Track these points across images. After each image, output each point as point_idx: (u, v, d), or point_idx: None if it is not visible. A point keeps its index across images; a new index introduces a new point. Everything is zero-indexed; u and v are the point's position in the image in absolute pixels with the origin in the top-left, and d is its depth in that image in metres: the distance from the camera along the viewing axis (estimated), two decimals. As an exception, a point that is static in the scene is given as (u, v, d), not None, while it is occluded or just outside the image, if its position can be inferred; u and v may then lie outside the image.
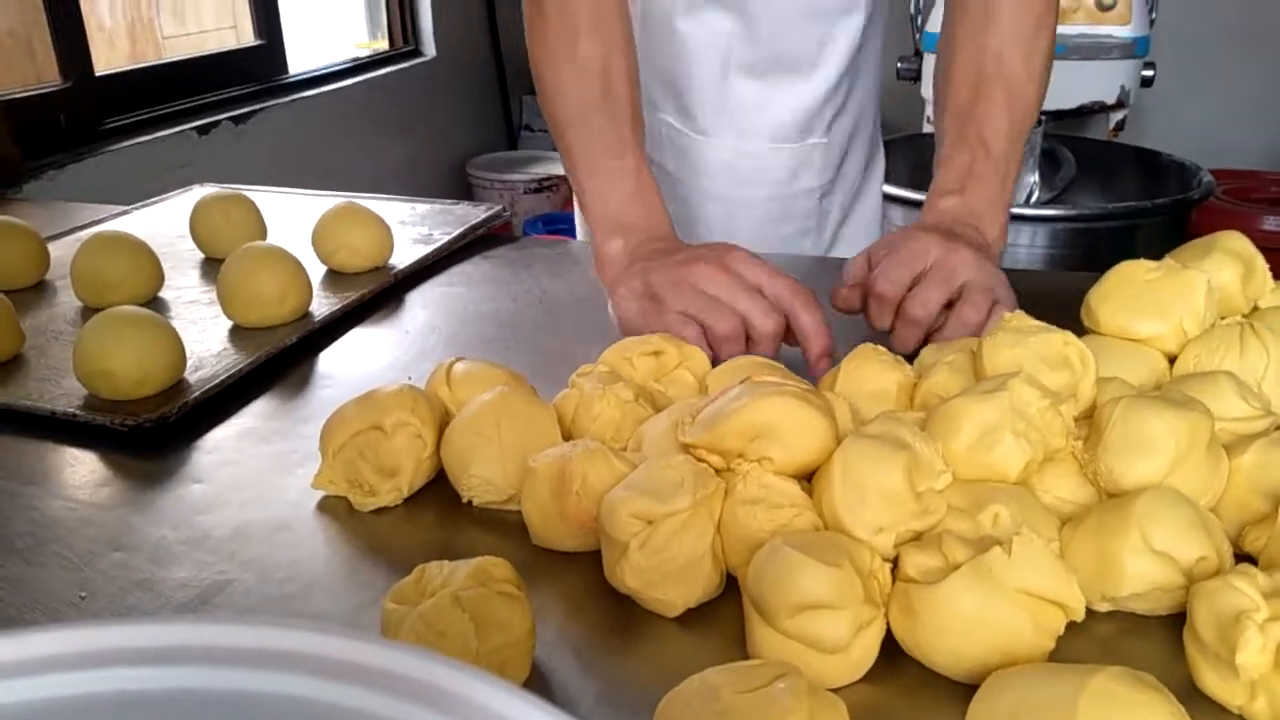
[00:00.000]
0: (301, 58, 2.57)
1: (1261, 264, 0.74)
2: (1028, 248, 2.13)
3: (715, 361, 0.74)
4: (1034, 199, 2.26)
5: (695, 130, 1.16)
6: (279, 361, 0.84)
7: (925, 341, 0.78)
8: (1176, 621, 0.51)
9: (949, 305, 0.79)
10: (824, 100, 1.14)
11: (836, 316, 0.86)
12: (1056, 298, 0.81)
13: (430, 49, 3.02)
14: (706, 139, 1.16)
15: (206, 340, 0.87)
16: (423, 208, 1.20)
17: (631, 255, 0.86)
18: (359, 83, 2.66)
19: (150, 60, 2.23)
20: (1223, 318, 0.70)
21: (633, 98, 0.94)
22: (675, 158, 1.18)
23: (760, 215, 1.18)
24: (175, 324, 0.81)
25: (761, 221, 1.17)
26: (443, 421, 0.66)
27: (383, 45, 2.99)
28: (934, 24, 2.09)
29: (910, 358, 0.71)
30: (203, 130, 2.10)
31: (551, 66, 0.94)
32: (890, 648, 0.50)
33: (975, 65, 0.93)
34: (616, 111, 0.93)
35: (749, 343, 0.78)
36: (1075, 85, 2.06)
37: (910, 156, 2.22)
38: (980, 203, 0.89)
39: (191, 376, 0.79)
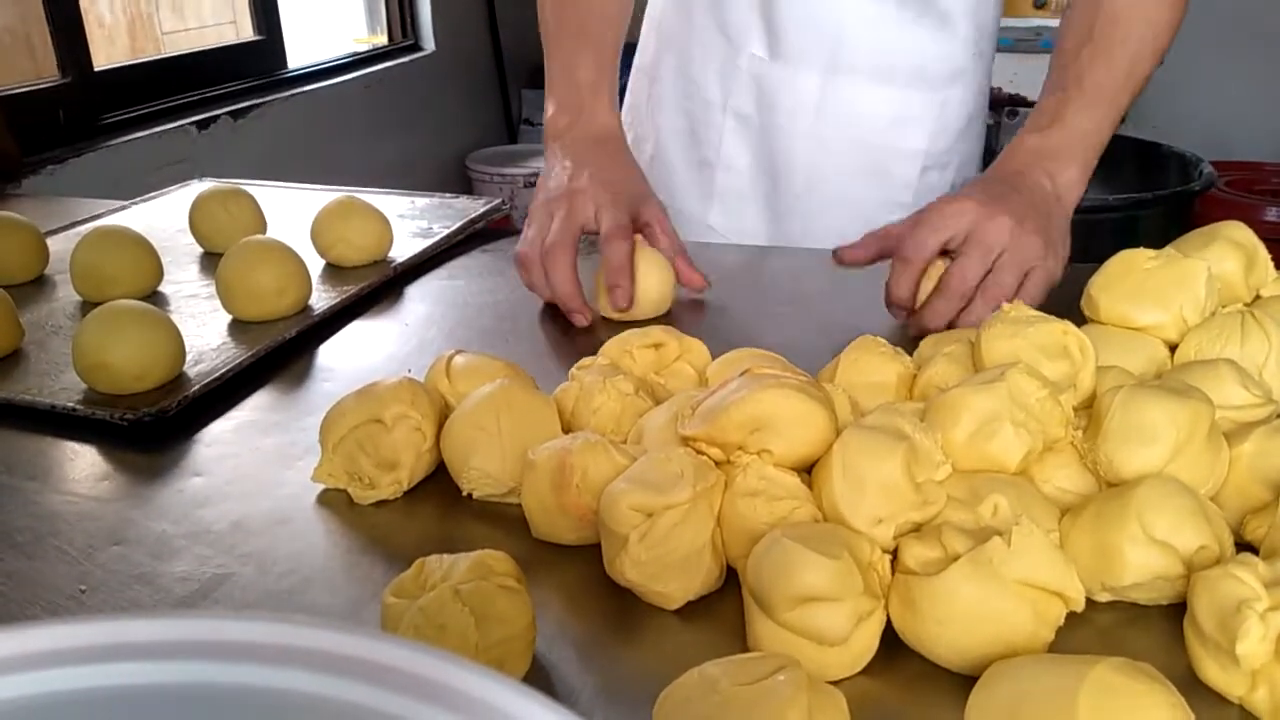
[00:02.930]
0: (300, 53, 2.57)
1: (1264, 254, 0.74)
2: (1029, 239, 2.12)
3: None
4: (1035, 190, 2.25)
5: (783, 57, 1.09)
6: (278, 355, 0.84)
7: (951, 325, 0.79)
8: (1177, 611, 0.51)
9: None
10: (949, 52, 1.07)
11: (839, 317, 0.86)
12: (1057, 288, 0.81)
13: (429, 43, 3.02)
14: (795, 69, 1.09)
15: (206, 334, 0.86)
16: (422, 201, 1.20)
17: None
18: (358, 77, 2.66)
19: (149, 55, 2.23)
20: (1224, 307, 0.70)
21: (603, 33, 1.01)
22: (755, 98, 1.12)
23: (849, 167, 1.11)
24: (174, 318, 0.81)
25: (850, 176, 1.11)
26: (442, 414, 0.66)
27: (382, 40, 2.98)
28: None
29: (910, 348, 0.71)
30: (202, 125, 2.10)
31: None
32: (890, 640, 0.50)
33: (1089, 19, 0.91)
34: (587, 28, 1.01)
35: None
36: (1076, 76, 2.05)
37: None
38: (1062, 140, 0.87)
39: (191, 370, 0.79)
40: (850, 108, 1.09)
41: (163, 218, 1.17)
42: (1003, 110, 2.72)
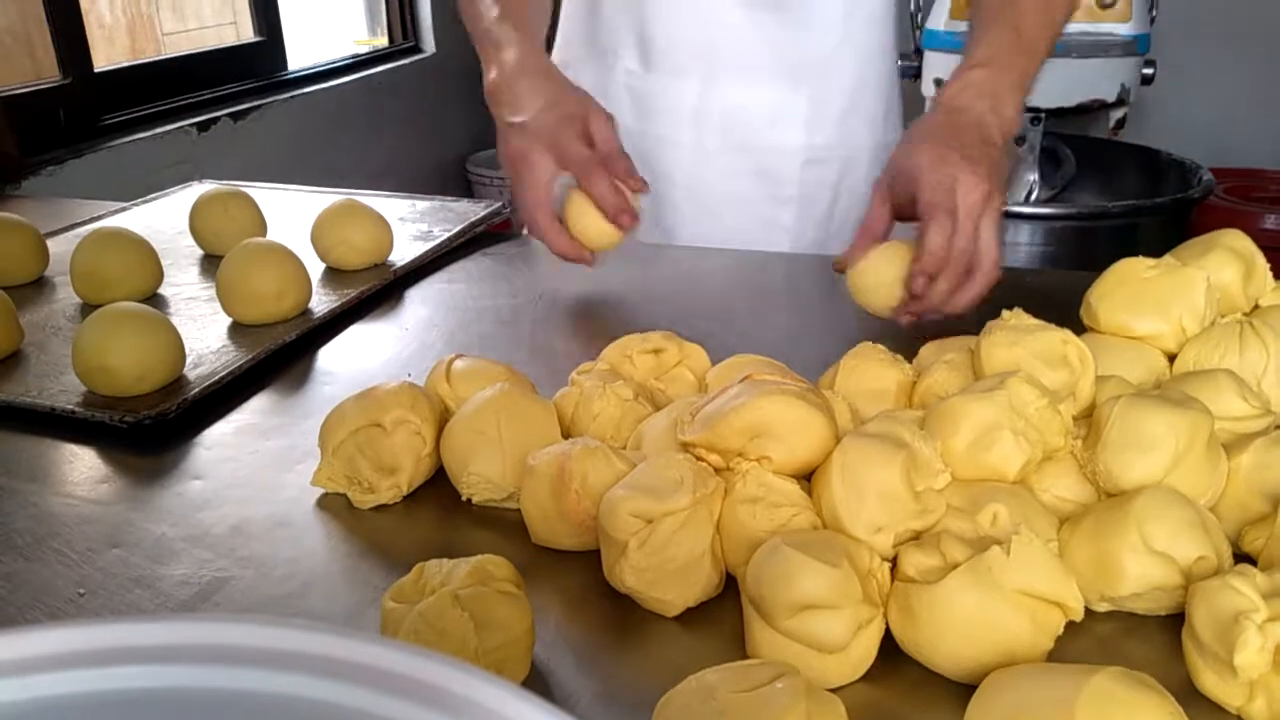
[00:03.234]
0: (301, 54, 2.57)
1: (1262, 263, 0.74)
2: (1027, 246, 2.12)
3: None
4: (1034, 197, 2.25)
5: (658, 70, 1.12)
6: (278, 358, 0.84)
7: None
8: (1175, 622, 0.51)
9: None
10: (810, 45, 1.08)
11: (838, 323, 0.86)
12: (1056, 297, 0.81)
13: (430, 45, 3.02)
14: (670, 79, 1.11)
15: (206, 337, 0.86)
16: (422, 204, 1.20)
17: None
18: (358, 79, 2.66)
19: (150, 56, 2.23)
20: (1223, 316, 0.70)
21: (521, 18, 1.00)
22: (634, 108, 1.14)
23: (732, 169, 1.13)
24: (174, 321, 0.81)
25: (733, 177, 1.12)
26: (442, 419, 0.66)
27: (382, 42, 2.98)
28: (934, 21, 2.08)
29: (909, 356, 0.71)
30: (202, 127, 2.10)
31: None
32: (889, 647, 0.50)
33: None
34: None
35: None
36: (1075, 83, 2.06)
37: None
38: (1006, 79, 0.90)
39: (191, 373, 0.79)
40: (727, 111, 1.12)
41: (163, 219, 1.17)
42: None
